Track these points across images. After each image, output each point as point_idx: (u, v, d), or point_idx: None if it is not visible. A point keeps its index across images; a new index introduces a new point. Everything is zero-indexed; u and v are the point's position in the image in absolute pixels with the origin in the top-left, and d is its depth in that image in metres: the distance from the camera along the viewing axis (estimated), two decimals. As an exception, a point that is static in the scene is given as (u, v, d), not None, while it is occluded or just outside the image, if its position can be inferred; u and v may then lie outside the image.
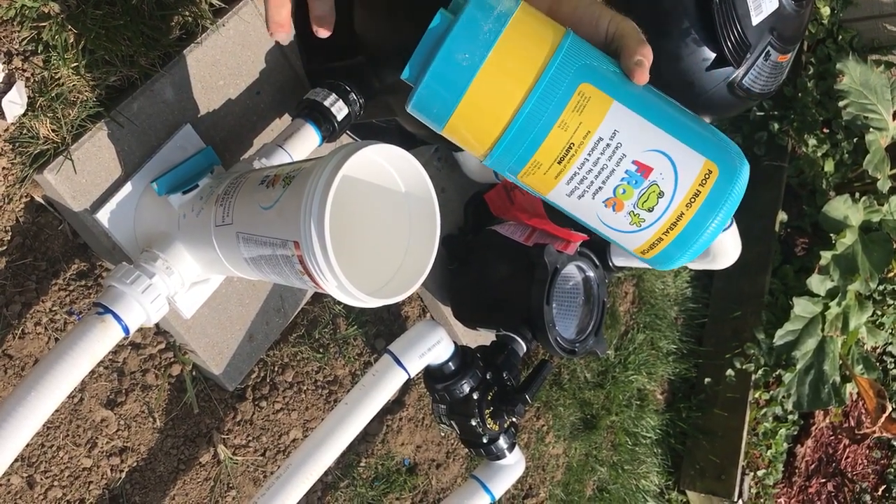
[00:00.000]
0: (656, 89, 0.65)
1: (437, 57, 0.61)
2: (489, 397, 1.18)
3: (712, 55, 0.95)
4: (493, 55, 0.60)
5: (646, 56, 0.63)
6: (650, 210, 0.62)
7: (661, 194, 0.62)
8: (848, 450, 3.19)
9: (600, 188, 0.62)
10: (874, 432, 2.61)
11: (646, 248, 0.65)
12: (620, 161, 0.61)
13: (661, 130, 0.62)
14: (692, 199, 0.62)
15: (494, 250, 1.56)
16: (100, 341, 0.86)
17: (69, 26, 0.92)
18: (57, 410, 1.01)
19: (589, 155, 0.61)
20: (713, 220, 0.62)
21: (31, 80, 0.94)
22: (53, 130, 0.95)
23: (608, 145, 0.61)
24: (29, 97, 0.93)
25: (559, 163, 0.62)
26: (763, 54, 0.97)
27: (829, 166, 2.57)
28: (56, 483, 1.06)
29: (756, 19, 0.94)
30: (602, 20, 0.66)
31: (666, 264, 0.66)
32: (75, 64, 0.94)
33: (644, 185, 0.62)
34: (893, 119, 2.39)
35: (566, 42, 0.62)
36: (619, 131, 0.61)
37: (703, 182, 0.62)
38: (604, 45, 0.66)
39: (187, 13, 1.06)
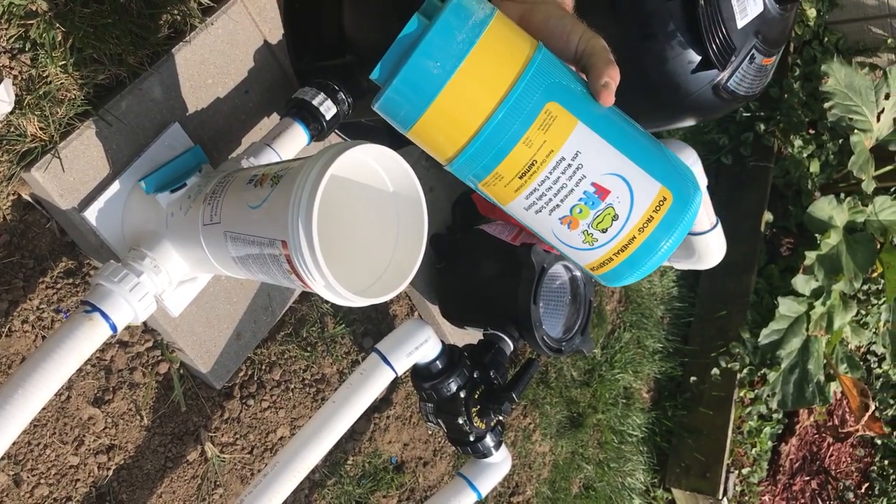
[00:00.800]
0: (623, 113, 0.65)
1: (409, 63, 0.60)
2: (476, 396, 1.19)
3: (698, 58, 0.96)
4: (464, 66, 0.59)
5: (613, 78, 0.63)
6: (604, 231, 0.63)
7: (615, 217, 0.62)
8: (832, 448, 3.22)
9: (558, 206, 0.63)
10: (857, 431, 2.64)
11: (596, 265, 0.66)
12: (580, 182, 0.61)
13: (622, 154, 0.62)
14: (645, 224, 0.62)
15: (482, 249, 1.56)
16: (87, 339, 0.86)
17: (57, 24, 0.92)
18: (44, 408, 1.01)
19: (550, 173, 0.61)
20: (663, 246, 0.63)
21: (19, 78, 0.93)
22: (41, 128, 0.94)
23: (569, 165, 0.61)
24: (16, 95, 0.93)
25: (520, 178, 0.62)
26: (748, 57, 0.97)
27: (814, 167, 2.59)
28: (43, 481, 1.06)
29: (741, 22, 0.95)
30: (573, 35, 0.65)
31: (614, 282, 0.67)
32: (63, 62, 0.94)
33: (600, 207, 0.62)
34: (877, 121, 2.41)
35: (537, 58, 0.61)
36: (581, 152, 0.61)
37: (657, 208, 0.62)
38: (573, 61, 0.65)
39: (176, 12, 1.06)
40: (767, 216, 2.64)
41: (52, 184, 0.96)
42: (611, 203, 0.62)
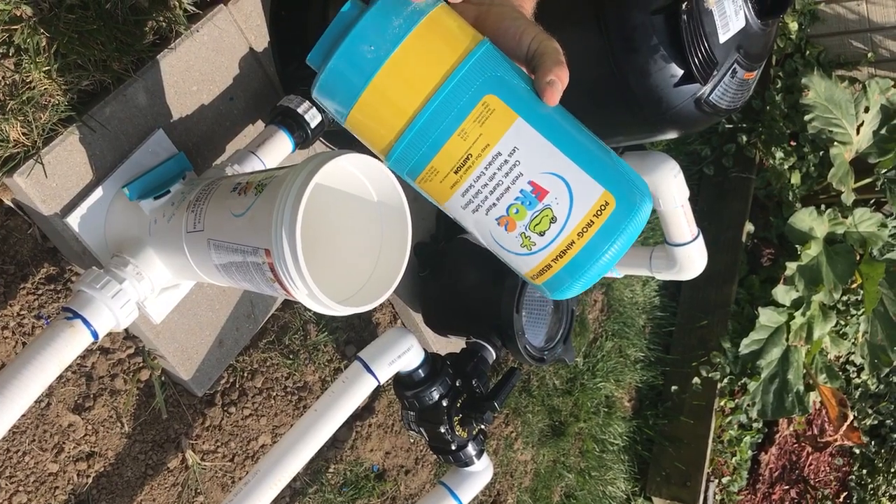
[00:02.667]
0: (570, 114, 0.63)
1: (341, 47, 0.59)
2: (458, 404, 1.19)
3: (680, 71, 0.97)
4: (398, 52, 0.58)
5: (559, 77, 0.61)
6: (541, 234, 0.60)
7: (553, 219, 0.60)
8: (811, 457, 3.24)
9: (494, 205, 0.61)
10: (836, 440, 2.66)
11: (536, 273, 0.63)
12: (516, 180, 0.60)
13: (563, 154, 0.60)
14: (584, 229, 0.60)
15: (465, 258, 1.57)
16: (68, 346, 0.86)
17: (41, 30, 0.92)
18: (23, 415, 1.00)
19: (485, 169, 0.60)
20: (605, 253, 0.60)
21: (2, 83, 0.93)
22: (24, 134, 0.94)
23: (506, 161, 0.59)
24: None
25: (455, 172, 0.60)
26: (729, 71, 0.99)
27: (795, 178, 2.61)
28: (21, 488, 1.05)
29: (723, 37, 0.96)
30: (525, 36, 0.64)
31: (557, 293, 0.64)
32: (47, 67, 0.94)
33: (538, 208, 0.60)
34: (857, 133, 2.44)
35: (479, 51, 0.60)
36: (519, 149, 0.59)
37: (599, 213, 0.60)
38: (524, 62, 0.64)
39: (161, 18, 1.06)
40: (749, 227, 2.66)
41: (34, 189, 0.95)
42: (548, 204, 0.60)
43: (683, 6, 0.93)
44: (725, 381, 2.57)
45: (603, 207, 0.60)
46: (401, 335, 1.09)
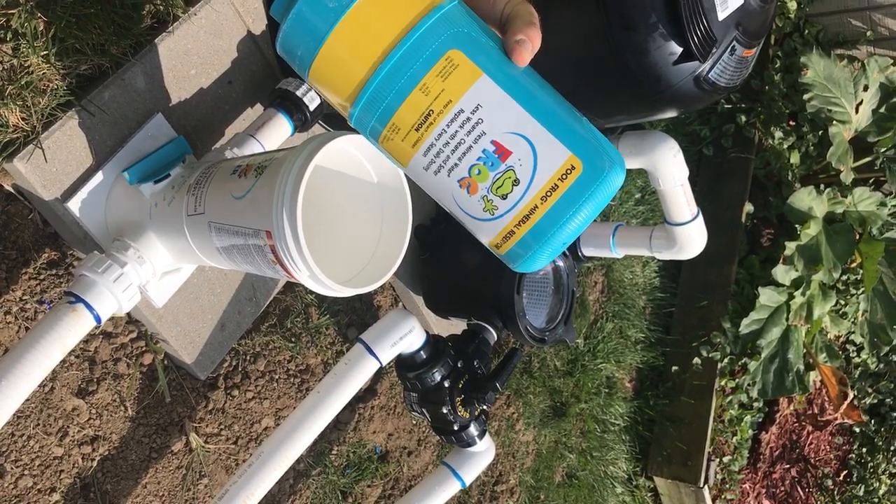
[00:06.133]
0: (542, 78, 0.61)
1: None
2: (460, 385, 1.20)
3: (679, 49, 0.96)
4: (360, 3, 0.57)
5: (530, 37, 0.60)
6: (504, 197, 0.59)
7: (516, 182, 0.58)
8: (811, 436, 3.25)
9: (456, 165, 0.59)
10: (836, 419, 2.67)
11: (499, 240, 0.61)
12: (479, 138, 0.58)
13: (529, 115, 0.58)
14: (548, 193, 0.58)
15: (466, 240, 1.57)
16: (71, 330, 0.86)
17: (39, 14, 0.92)
18: (27, 400, 1.01)
19: (447, 126, 0.58)
20: (570, 220, 0.58)
21: (1, 68, 0.93)
22: (23, 119, 0.94)
23: (468, 119, 0.58)
24: (-2, 85, 0.92)
25: (416, 130, 0.59)
26: (729, 49, 0.98)
27: (794, 158, 2.61)
28: (27, 472, 1.06)
29: (722, 14, 0.96)
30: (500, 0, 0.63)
31: (522, 263, 0.62)
32: (45, 52, 0.94)
33: (500, 169, 0.58)
34: (856, 112, 2.43)
35: (447, 6, 0.59)
36: (483, 106, 0.57)
37: (564, 177, 0.58)
38: (498, 26, 0.63)
39: (159, 2, 1.06)
40: (748, 207, 2.66)
41: (34, 174, 0.95)
42: (511, 165, 0.58)
43: (682, -17, 0.93)
44: (726, 361, 2.58)
45: (569, 171, 0.58)
46: (402, 317, 1.09)
